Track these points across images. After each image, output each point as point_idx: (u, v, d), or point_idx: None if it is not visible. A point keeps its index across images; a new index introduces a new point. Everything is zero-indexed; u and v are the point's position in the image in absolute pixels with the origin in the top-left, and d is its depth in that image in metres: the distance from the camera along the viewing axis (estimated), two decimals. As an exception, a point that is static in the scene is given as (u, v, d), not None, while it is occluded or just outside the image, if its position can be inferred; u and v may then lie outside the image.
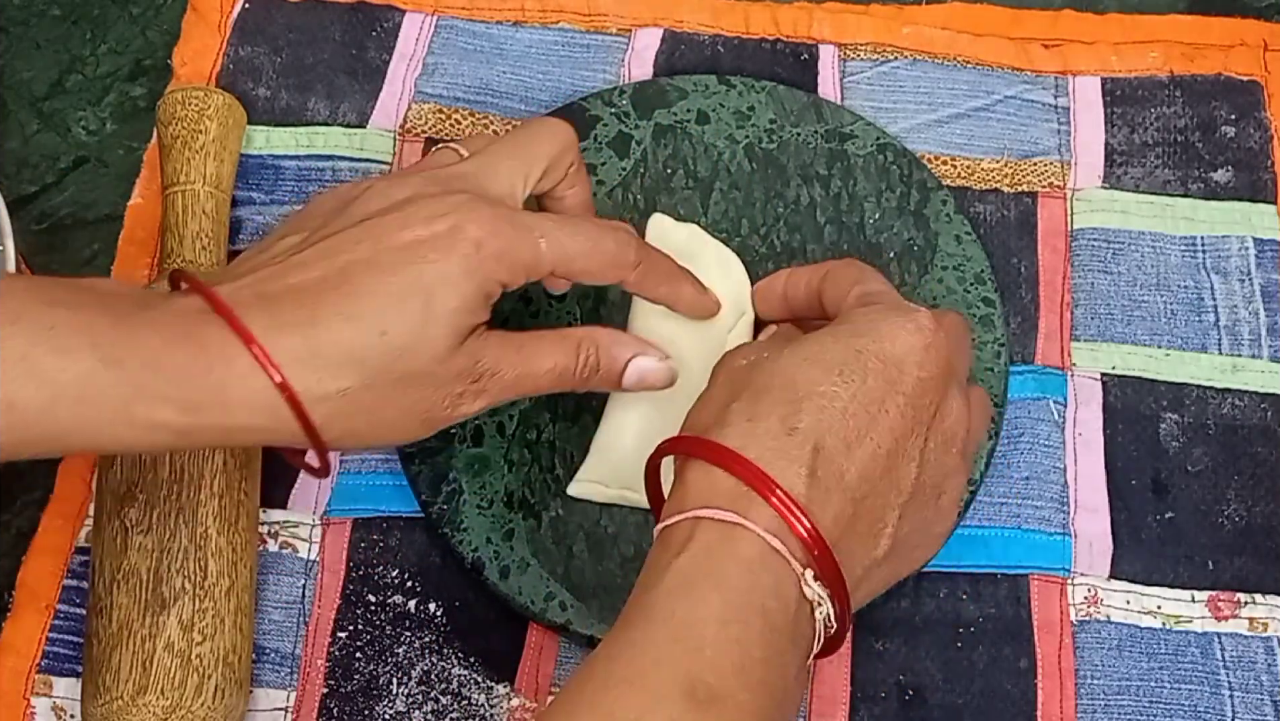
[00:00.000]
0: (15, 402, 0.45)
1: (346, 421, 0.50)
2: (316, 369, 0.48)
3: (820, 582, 0.47)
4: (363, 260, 0.50)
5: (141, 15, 0.74)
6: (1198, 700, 0.58)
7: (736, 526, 0.46)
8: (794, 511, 0.46)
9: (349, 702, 0.58)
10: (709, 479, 0.48)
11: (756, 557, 0.46)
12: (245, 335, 0.47)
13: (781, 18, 0.72)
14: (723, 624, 0.45)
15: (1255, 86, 0.70)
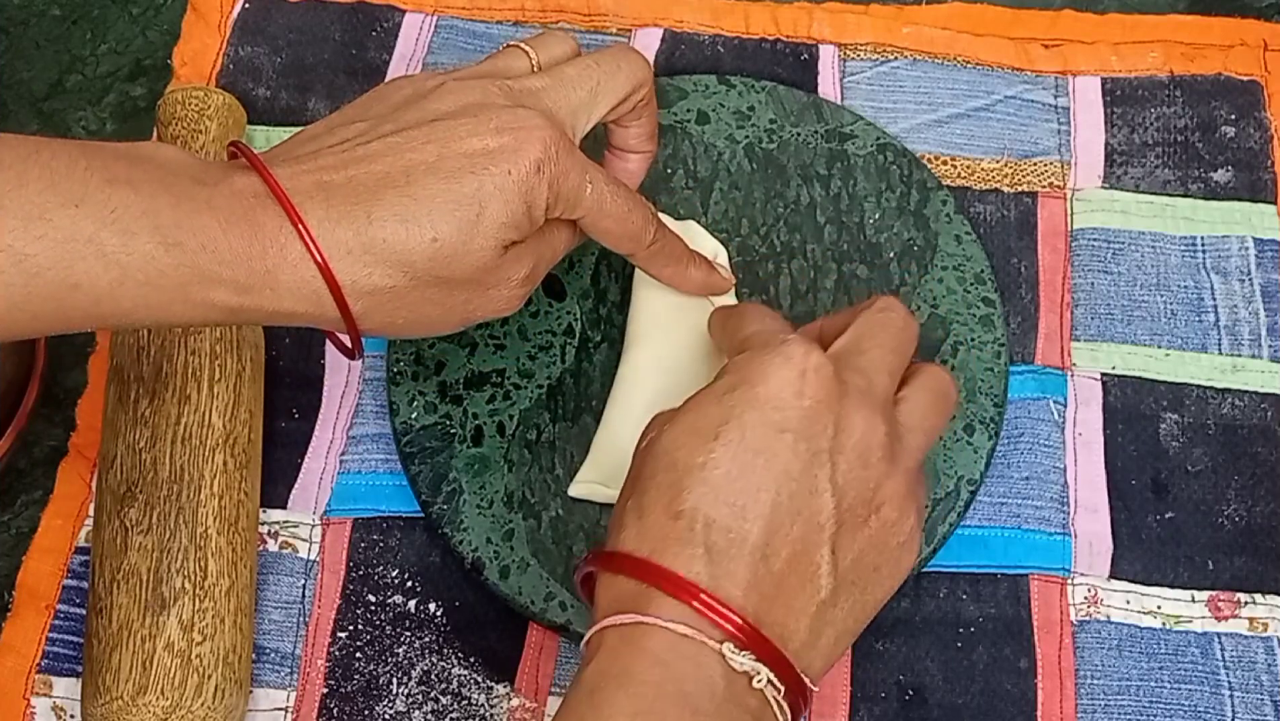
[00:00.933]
0: (82, 284, 0.47)
1: (386, 315, 0.51)
2: (366, 264, 0.50)
3: (749, 653, 0.46)
4: (427, 163, 0.51)
5: (141, 15, 0.74)
6: (1198, 700, 0.57)
7: (639, 625, 0.46)
8: (694, 593, 0.46)
9: (349, 702, 0.58)
10: (613, 588, 0.48)
11: (666, 648, 0.45)
12: (298, 222, 0.49)
13: (781, 18, 0.72)
14: (632, 717, 0.44)
15: (1255, 86, 0.70)
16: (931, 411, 0.52)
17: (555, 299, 0.64)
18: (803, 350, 0.49)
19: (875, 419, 0.49)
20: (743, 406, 0.48)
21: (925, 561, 0.59)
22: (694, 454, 0.48)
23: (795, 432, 0.48)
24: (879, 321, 0.53)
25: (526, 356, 0.63)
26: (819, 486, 0.48)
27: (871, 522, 0.49)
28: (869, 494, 0.49)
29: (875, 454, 0.49)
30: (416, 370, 0.63)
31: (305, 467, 0.62)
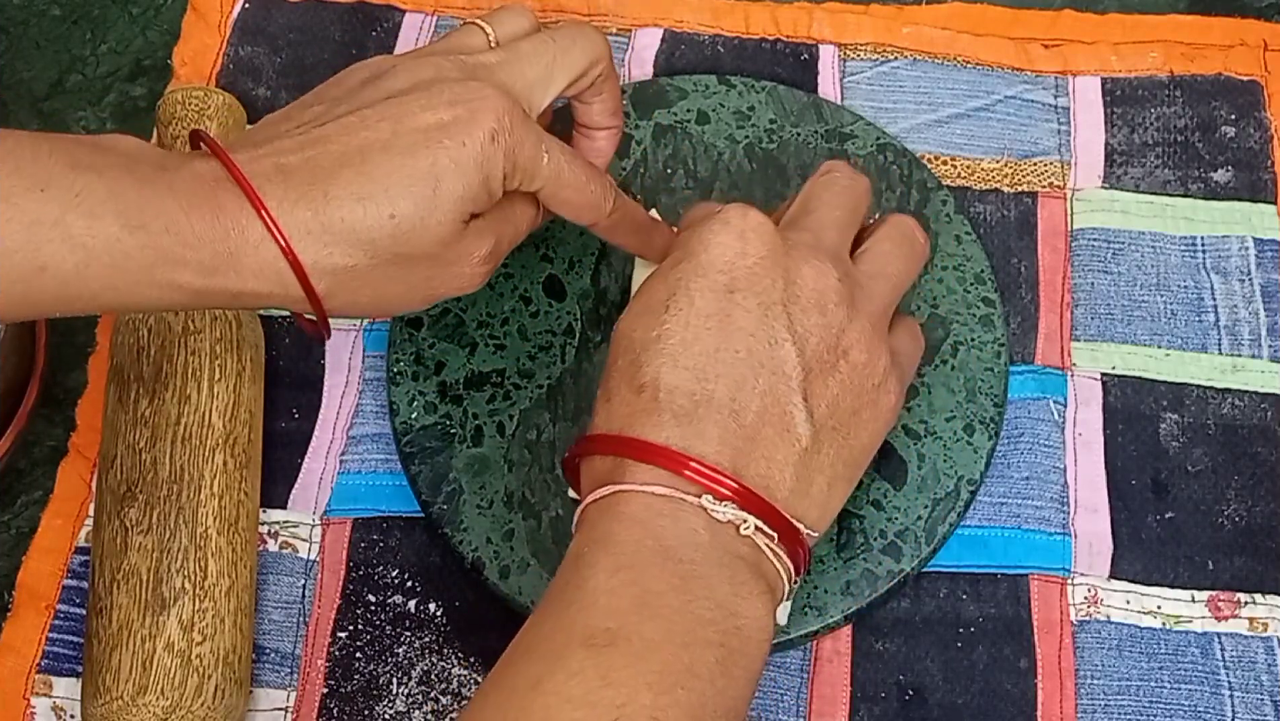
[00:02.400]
0: (49, 266, 0.47)
1: (350, 294, 0.52)
2: (326, 244, 0.50)
3: (730, 502, 0.47)
4: (382, 140, 0.51)
5: (141, 15, 0.74)
6: (1198, 700, 0.57)
7: (615, 494, 0.47)
8: (664, 453, 0.47)
9: (349, 702, 0.58)
10: (592, 469, 0.49)
11: (642, 509, 0.47)
12: (258, 204, 0.49)
13: (781, 18, 0.72)
14: (612, 572, 0.46)
15: (1255, 86, 0.70)
16: (894, 256, 0.54)
17: (555, 299, 0.64)
18: (739, 213, 0.51)
19: (824, 266, 0.50)
20: (688, 277, 0.50)
21: (925, 561, 0.59)
22: (648, 330, 0.49)
23: (744, 290, 0.49)
24: (823, 183, 0.55)
25: (526, 356, 0.63)
26: (777, 337, 0.49)
27: (841, 367, 0.50)
28: (832, 339, 0.50)
29: (831, 300, 0.50)
30: (416, 370, 0.63)
31: (305, 467, 0.62)
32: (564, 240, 0.65)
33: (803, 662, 0.58)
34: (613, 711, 0.42)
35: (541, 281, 0.64)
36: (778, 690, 0.58)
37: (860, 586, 0.58)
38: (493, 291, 0.64)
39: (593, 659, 0.43)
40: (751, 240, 0.50)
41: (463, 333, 0.63)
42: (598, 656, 0.43)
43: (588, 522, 0.48)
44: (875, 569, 0.58)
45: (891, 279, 0.53)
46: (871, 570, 0.58)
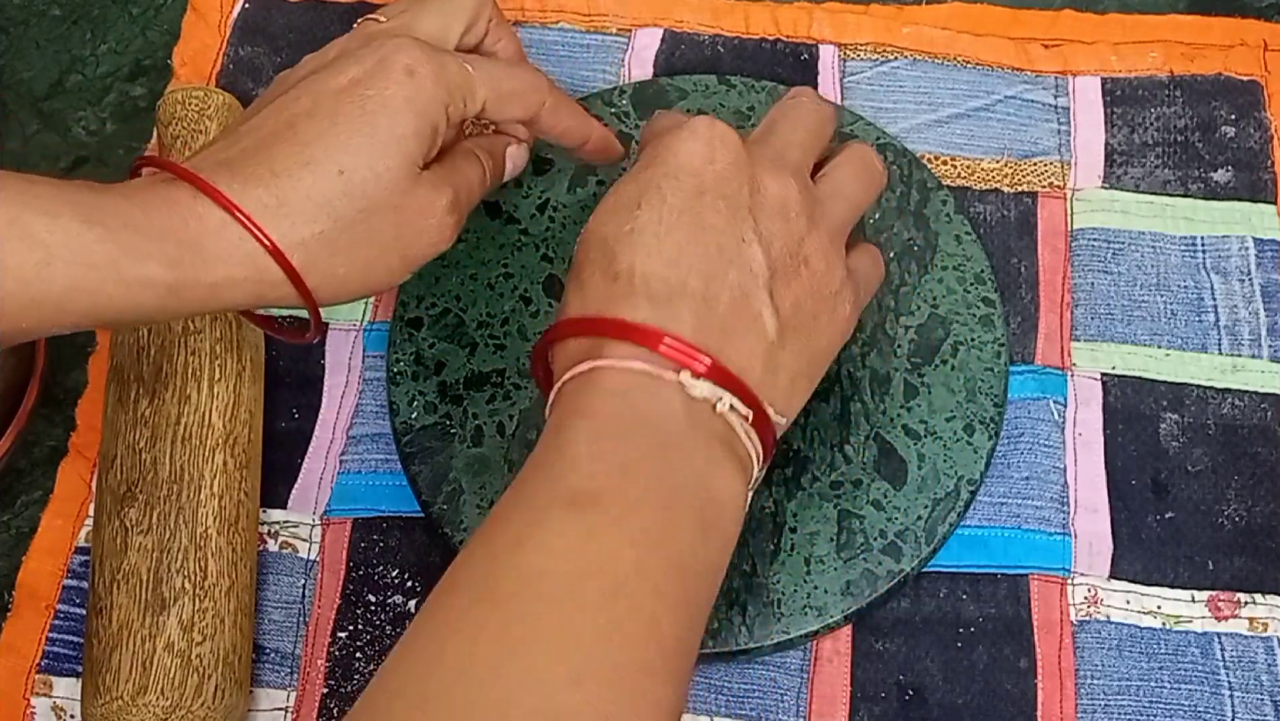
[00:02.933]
0: (8, 264, 0.47)
1: (326, 265, 0.52)
2: (287, 215, 0.50)
3: (706, 380, 0.48)
4: (305, 110, 0.52)
5: (141, 15, 0.74)
6: (1198, 700, 0.58)
7: (593, 370, 0.48)
8: (642, 331, 0.48)
9: (349, 702, 0.58)
10: (565, 353, 0.50)
11: (621, 384, 0.48)
12: (211, 191, 0.49)
13: (781, 18, 0.72)
14: (594, 440, 0.46)
15: (1255, 86, 0.70)
16: (853, 180, 0.56)
17: (555, 299, 0.64)
18: (706, 122, 0.52)
19: (787, 178, 0.52)
20: (659, 178, 0.51)
21: (925, 561, 0.59)
22: (621, 224, 0.51)
23: (713, 193, 0.51)
24: (788, 106, 0.57)
25: (526, 356, 0.63)
26: (745, 236, 0.50)
27: (802, 273, 0.52)
28: (794, 246, 0.52)
29: (793, 210, 0.52)
30: (416, 370, 0.63)
31: (305, 467, 0.62)
32: (564, 240, 0.65)
33: (803, 662, 0.58)
34: (596, 562, 0.44)
35: (541, 281, 0.64)
36: (778, 690, 0.58)
37: (860, 586, 0.58)
38: (493, 291, 0.64)
39: (575, 517, 0.44)
40: (719, 148, 0.51)
41: (463, 333, 0.63)
42: (581, 515, 0.44)
43: (565, 398, 0.49)
44: (875, 569, 0.58)
45: (849, 199, 0.55)
46: (871, 570, 0.58)
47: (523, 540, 0.44)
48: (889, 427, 0.61)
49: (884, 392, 0.62)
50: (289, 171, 0.51)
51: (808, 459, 0.60)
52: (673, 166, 0.51)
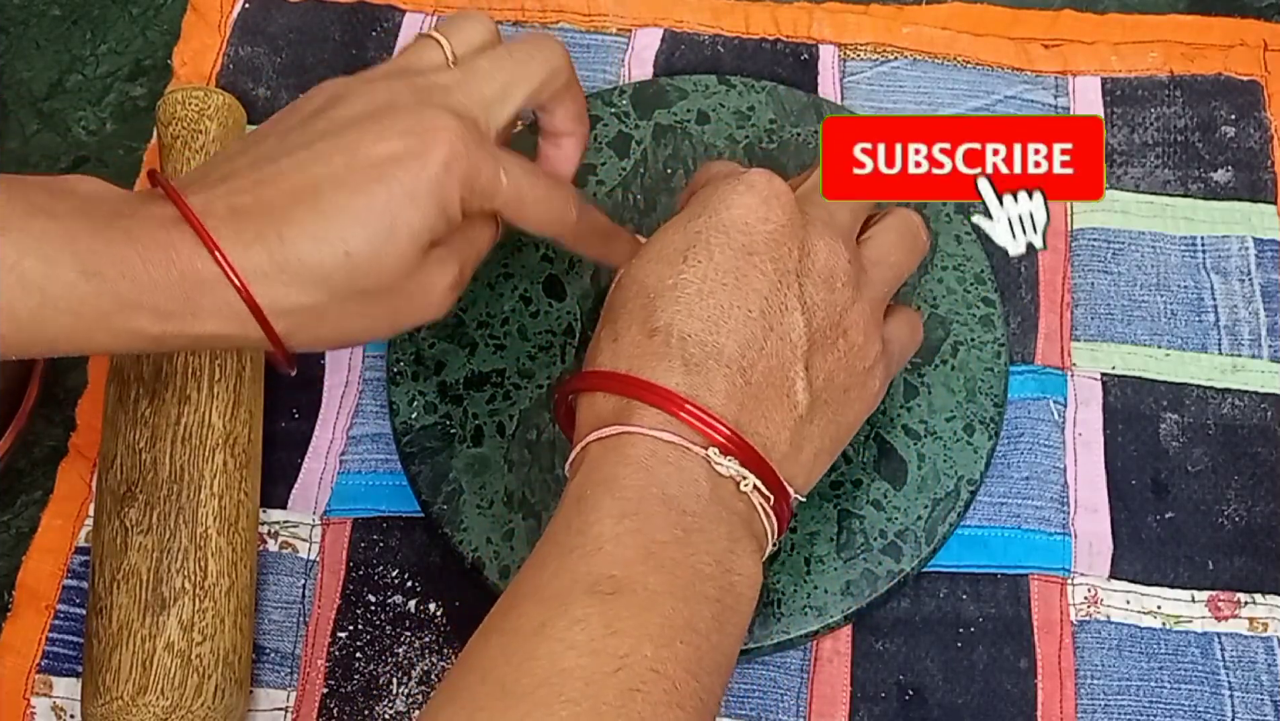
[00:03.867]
0: (4, 308, 0.47)
1: (311, 331, 0.51)
2: (283, 284, 0.49)
3: (733, 458, 0.47)
4: (334, 175, 0.50)
5: (141, 15, 0.74)
6: (1198, 700, 0.58)
7: (621, 435, 0.47)
8: (674, 400, 0.47)
9: (349, 702, 0.58)
10: (594, 407, 0.49)
11: (648, 454, 0.47)
12: (213, 246, 0.48)
13: (781, 18, 0.72)
14: (618, 519, 0.46)
15: (1255, 86, 0.70)
16: (897, 247, 0.55)
17: (555, 299, 0.64)
18: (765, 178, 0.51)
19: (838, 245, 0.51)
20: (708, 231, 0.50)
21: (925, 561, 0.59)
22: (664, 277, 0.50)
23: (762, 254, 0.50)
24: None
25: (526, 356, 0.63)
26: (789, 304, 0.50)
27: (840, 345, 0.51)
28: (836, 316, 0.51)
29: (840, 278, 0.51)
30: (416, 370, 0.63)
31: (305, 467, 0.62)
32: (564, 240, 0.65)
33: (803, 662, 0.58)
34: (615, 661, 0.43)
35: (541, 281, 0.64)
36: (778, 690, 0.58)
37: (860, 586, 0.58)
38: (493, 291, 0.64)
39: (598, 606, 0.44)
40: (774, 206, 0.51)
41: (463, 333, 0.63)
42: (603, 604, 0.44)
43: (590, 462, 0.48)
44: (875, 569, 0.58)
45: (893, 268, 0.54)
46: (871, 570, 0.58)
47: (544, 628, 0.44)
48: (889, 427, 0.61)
49: (884, 392, 0.62)
50: (297, 241, 0.49)
51: (808, 459, 0.60)
52: (725, 220, 0.50)
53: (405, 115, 0.51)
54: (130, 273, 0.48)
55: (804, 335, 0.50)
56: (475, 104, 0.54)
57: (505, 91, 0.55)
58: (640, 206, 0.66)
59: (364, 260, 0.50)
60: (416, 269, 0.51)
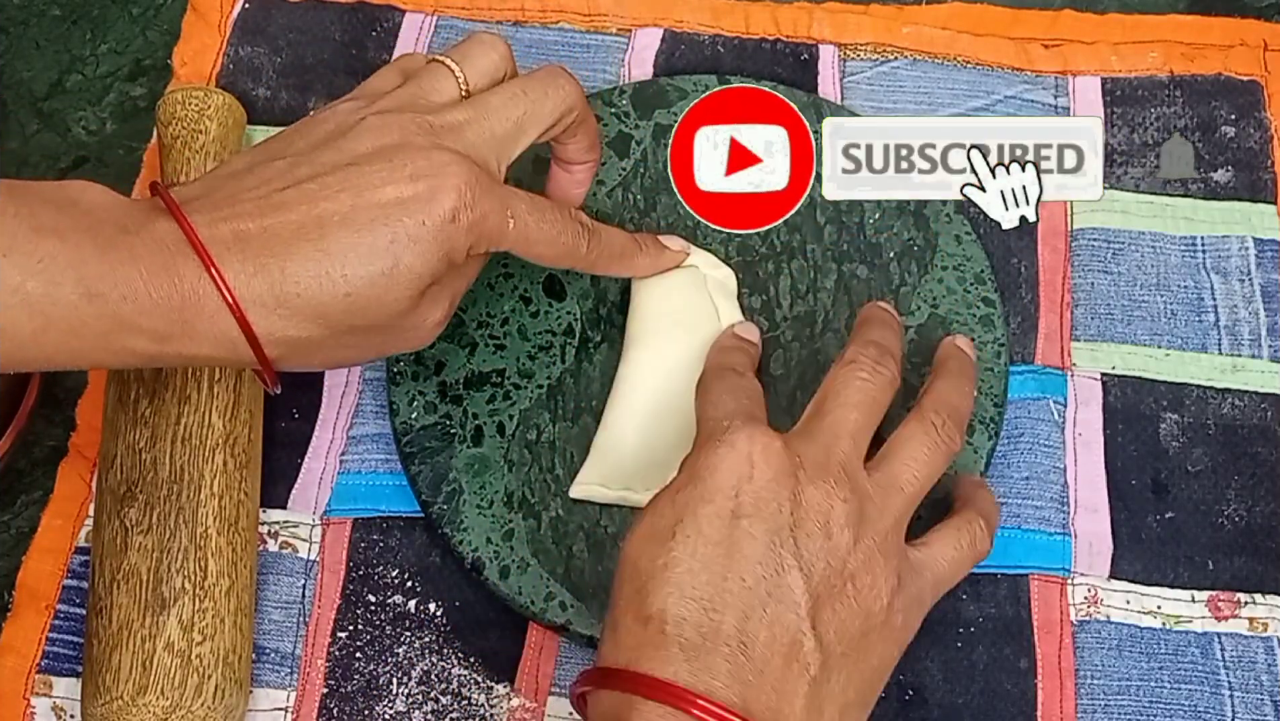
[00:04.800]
0: (5, 329, 0.47)
1: (302, 358, 0.52)
2: (282, 317, 0.50)
3: None
4: (341, 213, 0.50)
5: (141, 15, 0.74)
6: (1198, 700, 0.58)
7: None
8: (674, 692, 0.46)
9: (349, 702, 0.58)
10: (600, 703, 0.48)
11: None
12: (218, 278, 0.49)
13: (781, 18, 0.72)
14: None
15: (1255, 86, 0.70)
16: (914, 460, 0.53)
17: (555, 299, 0.64)
18: (746, 435, 0.50)
19: (830, 488, 0.49)
20: (695, 502, 0.49)
21: (925, 561, 0.59)
22: (654, 557, 0.48)
23: (750, 516, 0.48)
24: (843, 377, 0.53)
25: (526, 356, 0.63)
26: (785, 565, 0.48)
27: (848, 591, 0.49)
28: (839, 564, 0.49)
29: (837, 522, 0.49)
30: (416, 370, 0.63)
31: (305, 467, 0.62)
32: (564, 240, 0.65)
33: (803, 662, 0.58)
34: None
35: (541, 281, 0.64)
36: (778, 690, 0.58)
37: (860, 586, 0.58)
38: (493, 291, 0.64)
39: None
40: (758, 464, 0.49)
41: (463, 333, 0.63)
42: None
43: None
44: (875, 569, 0.58)
45: (906, 489, 0.52)
46: (871, 570, 0.58)
47: None
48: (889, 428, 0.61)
49: (884, 392, 0.62)
50: (299, 277, 0.49)
51: (808, 459, 0.60)
52: (710, 487, 0.49)
53: (415, 156, 0.51)
54: (132, 294, 0.48)
55: (805, 592, 0.48)
56: (486, 144, 0.54)
57: (518, 130, 0.55)
58: (640, 206, 0.66)
59: (363, 300, 0.50)
60: (412, 309, 0.52)
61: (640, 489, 0.59)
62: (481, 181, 0.52)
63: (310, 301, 0.50)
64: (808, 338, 0.63)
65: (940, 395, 0.56)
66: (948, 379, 0.57)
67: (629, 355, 0.61)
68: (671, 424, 0.60)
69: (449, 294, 0.54)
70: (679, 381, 0.60)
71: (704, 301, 0.62)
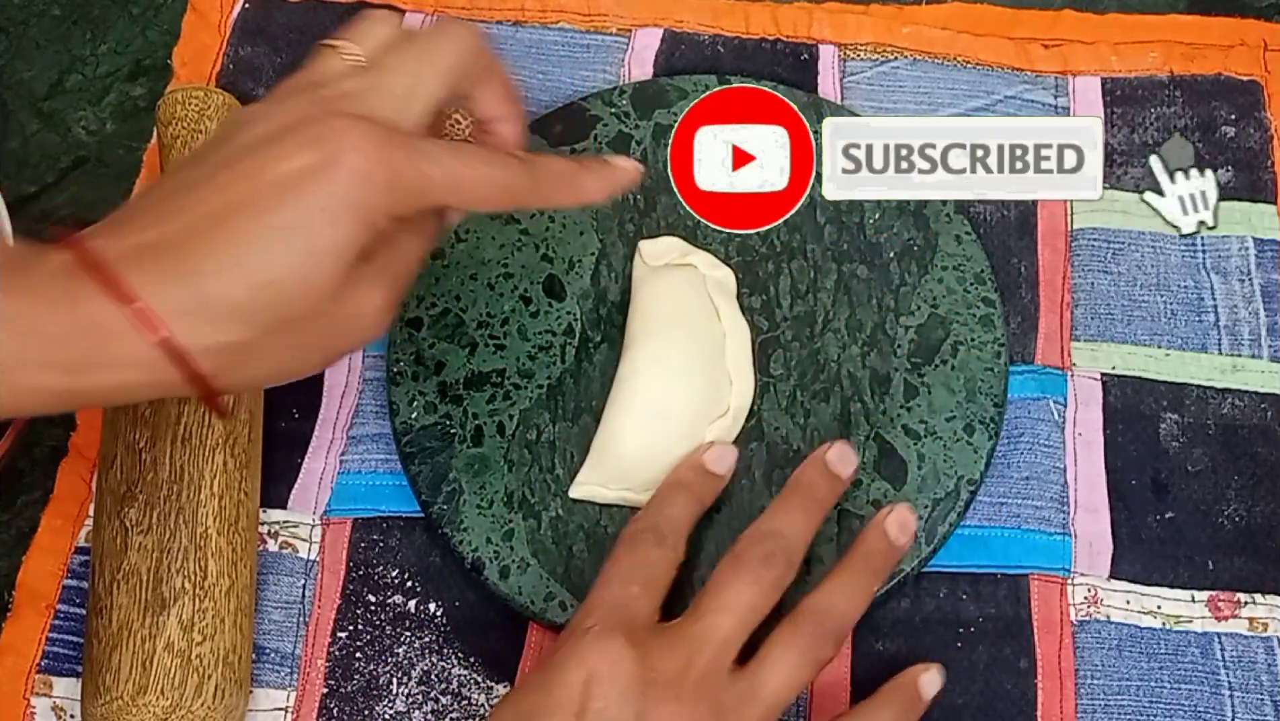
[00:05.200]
0: None
1: (240, 370, 0.48)
2: (205, 320, 0.46)
3: None
4: (241, 200, 0.46)
5: (141, 15, 0.74)
6: (1198, 700, 0.58)
7: None
8: None
9: (349, 702, 0.58)
10: None
11: None
12: (124, 295, 0.45)
13: (781, 18, 0.72)
14: None
15: (1255, 86, 0.70)
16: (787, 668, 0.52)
17: (555, 299, 0.64)
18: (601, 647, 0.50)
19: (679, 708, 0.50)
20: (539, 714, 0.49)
21: (925, 561, 0.59)
22: None
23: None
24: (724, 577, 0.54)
25: (526, 356, 0.63)
26: None
27: None
28: None
29: None
30: (416, 370, 0.63)
31: (305, 467, 0.62)
32: (564, 240, 0.65)
33: (803, 662, 0.58)
34: None
35: (541, 281, 0.64)
36: (778, 690, 0.58)
37: (860, 586, 0.58)
38: (493, 291, 0.64)
39: None
40: (606, 681, 0.49)
41: (463, 333, 0.63)
42: None
43: None
44: (875, 569, 0.58)
45: (767, 701, 0.51)
46: (871, 570, 0.58)
47: None
48: (889, 427, 0.61)
49: (884, 392, 0.62)
50: (214, 273, 0.46)
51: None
52: (554, 702, 0.49)
53: (309, 127, 0.48)
54: (38, 326, 0.45)
55: None
56: (385, 104, 0.50)
57: (414, 84, 0.51)
58: (640, 206, 0.66)
59: (285, 287, 0.46)
60: (343, 290, 0.48)
61: (640, 489, 0.59)
62: (385, 137, 0.48)
63: (230, 297, 0.46)
64: (808, 337, 0.63)
65: (827, 597, 0.54)
66: (847, 574, 0.55)
67: (629, 355, 0.61)
68: (671, 424, 0.60)
69: (388, 275, 0.50)
70: (679, 381, 0.60)
71: (703, 301, 0.62)
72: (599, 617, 0.52)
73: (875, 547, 0.57)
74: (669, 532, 0.56)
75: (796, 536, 0.56)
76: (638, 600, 0.53)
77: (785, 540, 0.55)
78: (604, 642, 0.50)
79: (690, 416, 0.60)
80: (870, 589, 0.56)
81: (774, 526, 0.56)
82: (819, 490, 0.58)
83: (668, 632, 0.52)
